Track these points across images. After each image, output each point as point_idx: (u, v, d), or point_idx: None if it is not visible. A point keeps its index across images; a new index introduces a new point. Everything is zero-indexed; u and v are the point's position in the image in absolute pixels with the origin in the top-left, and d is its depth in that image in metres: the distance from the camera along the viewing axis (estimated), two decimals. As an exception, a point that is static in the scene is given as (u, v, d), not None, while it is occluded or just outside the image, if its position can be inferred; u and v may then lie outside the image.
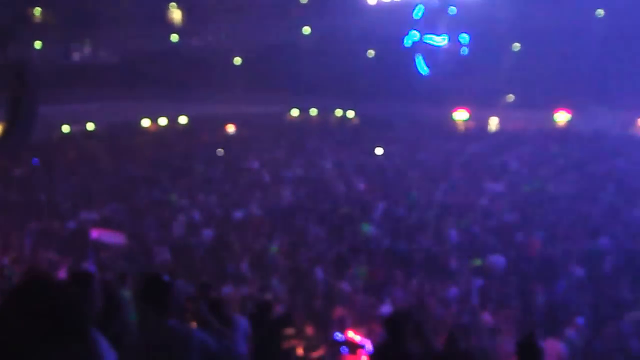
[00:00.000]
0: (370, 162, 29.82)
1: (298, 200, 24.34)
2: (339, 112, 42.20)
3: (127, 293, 12.39)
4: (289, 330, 13.27)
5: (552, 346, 13.10)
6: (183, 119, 41.49)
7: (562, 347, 13.05)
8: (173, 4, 45.22)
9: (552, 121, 37.98)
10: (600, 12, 40.50)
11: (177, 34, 45.25)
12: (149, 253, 19.00)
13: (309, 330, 14.41)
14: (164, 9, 44.95)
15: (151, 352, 5.46)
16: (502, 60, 40.42)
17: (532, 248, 18.70)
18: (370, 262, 17.79)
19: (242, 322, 9.84)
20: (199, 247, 19.39)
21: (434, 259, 17.66)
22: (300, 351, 13.25)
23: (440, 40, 41.57)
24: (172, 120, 41.19)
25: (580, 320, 13.94)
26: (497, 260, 17.15)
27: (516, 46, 41.80)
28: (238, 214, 22.45)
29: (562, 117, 38.14)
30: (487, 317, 14.49)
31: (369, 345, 13.15)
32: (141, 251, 19.22)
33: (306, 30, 45.13)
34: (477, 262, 17.28)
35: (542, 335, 13.38)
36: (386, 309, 15.05)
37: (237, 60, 44.25)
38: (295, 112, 42.83)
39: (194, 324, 7.11)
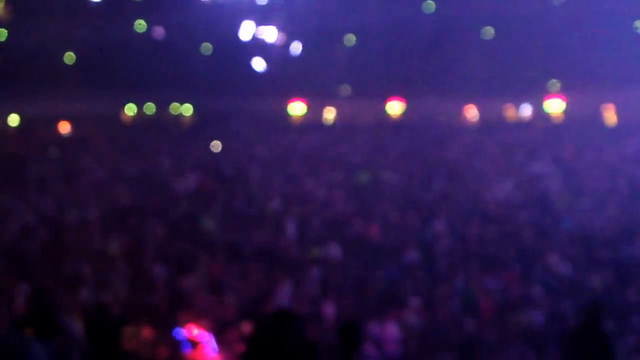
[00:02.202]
0: (209, 157, 29.77)
1: (136, 199, 24.03)
2: (175, 108, 41.88)
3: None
4: (130, 330, 13.17)
5: (388, 329, 13.56)
6: (14, 119, 40.14)
7: (396, 329, 13.49)
8: (0, -1, 43.70)
9: (386, 111, 38.94)
10: (431, 4, 41.78)
11: (6, 30, 43.70)
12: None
13: (151, 329, 14.32)
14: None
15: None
16: (337, 52, 41.16)
17: (370, 235, 19.20)
18: (211, 257, 17.80)
19: (73, 327, 9.71)
20: (33, 250, 18.88)
21: (274, 251, 17.87)
22: (142, 351, 13.17)
23: (274, 34, 41.85)
24: (2, 121, 39.79)
25: (415, 302, 14.43)
26: (334, 249, 17.53)
27: (350, 38, 42.59)
28: (74, 215, 21.99)
29: (395, 107, 39.14)
30: (327, 306, 14.77)
31: (211, 341, 13.24)
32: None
33: (141, 25, 44.51)
34: (316, 252, 17.60)
35: (381, 319, 13.85)
36: (230, 300, 15.17)
37: (70, 57, 43.19)
38: (131, 109, 42.20)
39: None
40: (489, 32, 40.92)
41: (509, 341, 13.56)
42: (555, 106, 37.89)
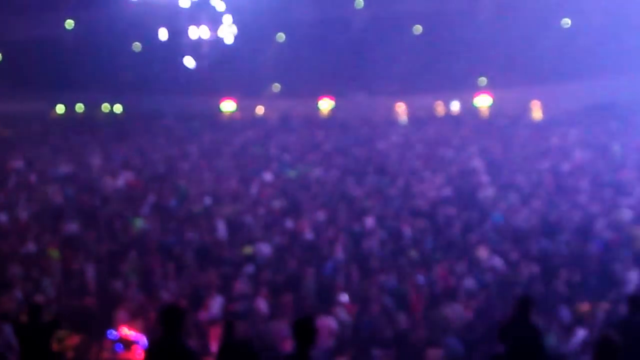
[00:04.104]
0: (139, 155, 29.58)
1: (67, 199, 23.79)
2: (106, 107, 41.51)
3: None
4: (61, 332, 13.08)
5: (323, 323, 13.67)
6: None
7: (332, 322, 13.62)
8: None
9: (317, 108, 39.15)
10: (360, 2, 42.09)
11: None
12: None
13: (84, 330, 14.24)
14: None
15: None
16: (267, 50, 41.24)
17: (302, 232, 19.30)
18: (142, 257, 17.72)
19: (7, 330, 9.64)
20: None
21: (206, 250, 17.88)
22: (75, 353, 13.10)
23: (205, 32, 41.75)
24: None
25: (344, 298, 14.56)
26: (265, 247, 17.62)
27: (280, 36, 42.71)
28: (3, 217, 21.68)
29: (326, 104, 39.39)
30: (260, 303, 14.83)
31: (144, 341, 13.21)
32: None
33: (69, 24, 44.02)
34: (247, 250, 17.67)
35: (317, 316, 13.96)
36: (163, 299, 15.06)
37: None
38: (60, 109, 41.71)
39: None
40: (417, 29, 41.41)
41: (439, 335, 13.72)
42: (483, 102, 38.52)
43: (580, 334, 12.63)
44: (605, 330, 9.58)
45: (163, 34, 41.83)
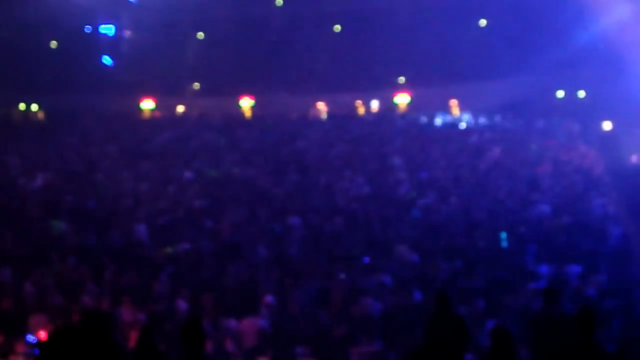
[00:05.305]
0: (58, 156, 29.09)
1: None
2: (22, 106, 40.72)
3: None
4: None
5: (250, 324, 13.69)
6: None
7: (262, 322, 13.64)
8: None
9: (237, 107, 39.07)
10: (280, 0, 42.12)
11: None
12: None
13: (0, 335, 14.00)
14: None
15: None
16: (187, 49, 41.05)
17: (222, 232, 19.28)
18: (62, 259, 17.48)
19: None
20: None
21: (125, 251, 17.74)
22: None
23: (122, 30, 41.35)
24: None
25: (270, 299, 14.58)
26: (186, 247, 17.58)
27: (200, 35, 42.55)
28: None
29: (246, 103, 39.35)
30: (181, 304, 14.79)
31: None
32: None
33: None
34: (168, 250, 17.59)
35: (239, 315, 13.97)
36: (83, 302, 14.89)
37: None
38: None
39: None
40: (337, 28, 41.66)
41: (359, 331, 13.84)
42: (402, 101, 38.93)
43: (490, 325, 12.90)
44: (500, 323, 9.82)
45: (81, 32, 41.30)
